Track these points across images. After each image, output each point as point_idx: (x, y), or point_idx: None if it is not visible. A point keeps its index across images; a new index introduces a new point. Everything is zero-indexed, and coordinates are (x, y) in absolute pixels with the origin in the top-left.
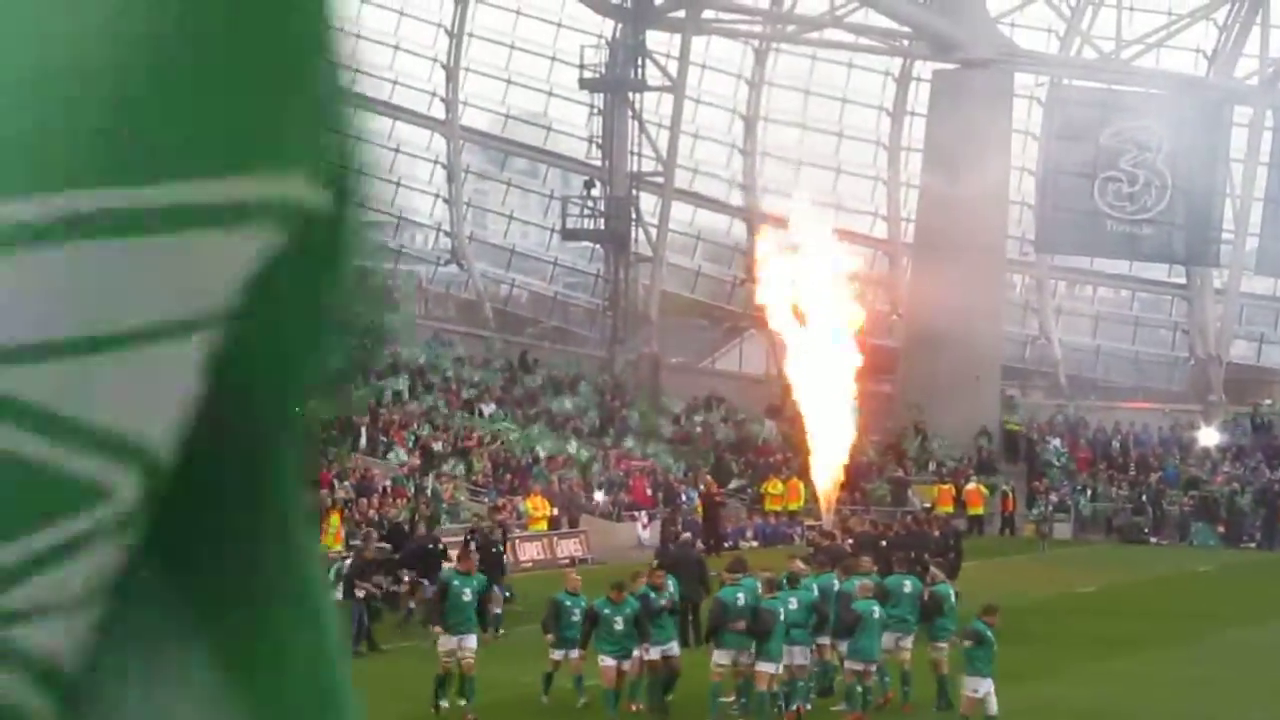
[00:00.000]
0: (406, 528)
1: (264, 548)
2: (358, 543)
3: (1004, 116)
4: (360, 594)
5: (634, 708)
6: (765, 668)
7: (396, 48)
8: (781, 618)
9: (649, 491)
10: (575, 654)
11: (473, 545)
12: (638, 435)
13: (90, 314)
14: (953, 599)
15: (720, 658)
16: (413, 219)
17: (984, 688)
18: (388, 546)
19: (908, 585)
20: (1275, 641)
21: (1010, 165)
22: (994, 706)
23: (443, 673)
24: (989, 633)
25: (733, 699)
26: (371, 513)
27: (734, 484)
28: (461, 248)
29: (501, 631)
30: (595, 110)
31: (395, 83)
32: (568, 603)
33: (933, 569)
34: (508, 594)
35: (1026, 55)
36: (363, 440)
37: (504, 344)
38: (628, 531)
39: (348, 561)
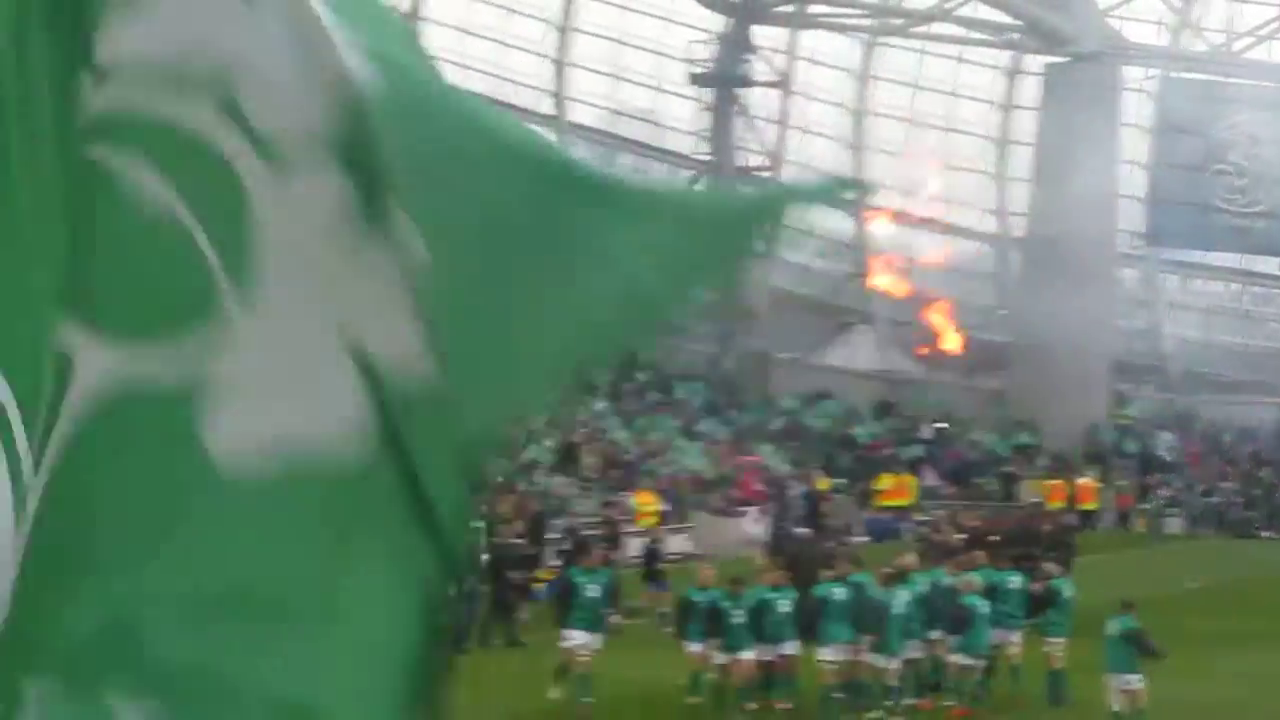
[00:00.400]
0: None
1: None
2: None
3: (1113, 110)
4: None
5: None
6: (876, 662)
7: (505, 44)
8: (892, 613)
9: (758, 486)
10: (696, 648)
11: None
12: (746, 430)
13: None
14: (1066, 594)
15: (827, 654)
16: None
17: (1134, 681)
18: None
19: (1014, 581)
20: None
21: (1120, 158)
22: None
23: (564, 663)
24: (1133, 626)
25: (842, 695)
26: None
27: (835, 481)
28: None
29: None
30: (703, 105)
31: (504, 79)
32: (696, 598)
33: (1046, 564)
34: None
35: (1136, 48)
36: None
37: None
38: (737, 527)
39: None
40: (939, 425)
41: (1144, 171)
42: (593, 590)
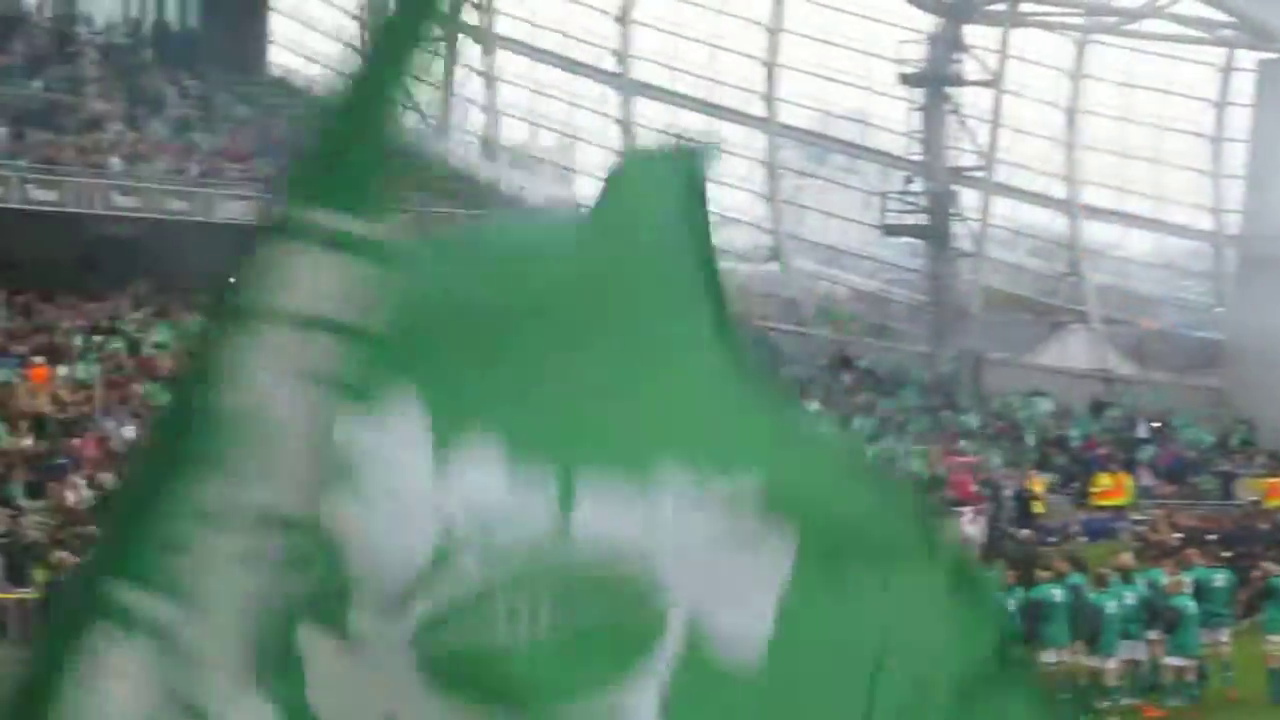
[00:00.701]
0: None
1: None
2: None
3: None
4: None
5: None
6: (1093, 663)
7: (716, 46)
8: (1106, 614)
9: (973, 487)
10: None
11: None
12: (960, 430)
13: None
14: None
15: (1047, 657)
16: (733, 216)
17: None
18: None
19: (1219, 579)
20: None
21: None
22: None
23: None
24: None
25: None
26: None
27: (1048, 479)
28: (781, 245)
29: None
30: (914, 105)
31: (716, 81)
32: None
33: (1265, 563)
34: None
35: None
36: None
37: (825, 341)
38: (952, 527)
39: None
40: (1155, 424)
41: None
42: None
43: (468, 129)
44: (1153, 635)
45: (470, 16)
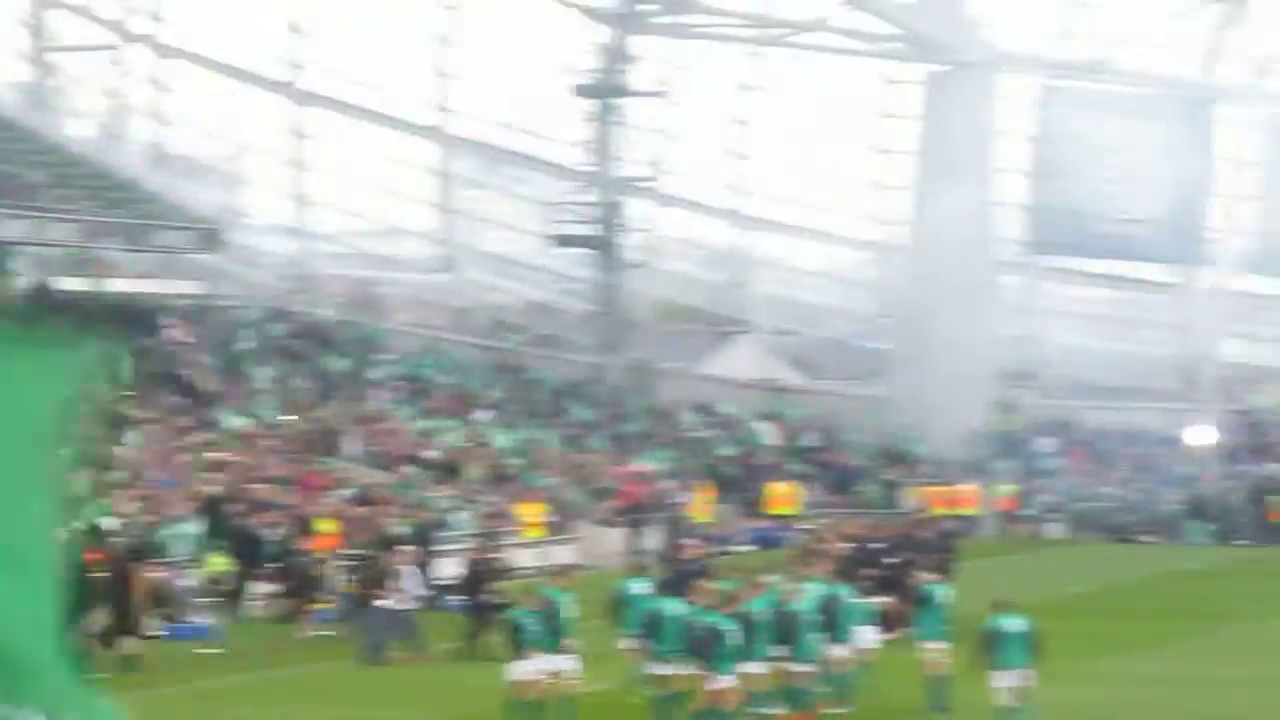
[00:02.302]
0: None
1: None
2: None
3: (993, 118)
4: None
5: None
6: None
7: (389, 56)
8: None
9: (642, 497)
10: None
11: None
12: (630, 441)
13: None
14: (939, 599)
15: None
16: (406, 228)
17: (1006, 680)
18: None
19: (846, 594)
20: (1270, 638)
21: (1000, 166)
22: (1008, 698)
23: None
24: (1006, 626)
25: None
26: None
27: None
28: (453, 255)
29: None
30: (585, 117)
31: (387, 92)
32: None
33: (920, 571)
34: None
35: (1016, 57)
36: (356, 448)
37: (496, 351)
38: (622, 538)
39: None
40: (822, 433)
41: (1024, 179)
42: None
43: (137, 138)
44: (776, 650)
45: (141, 25)
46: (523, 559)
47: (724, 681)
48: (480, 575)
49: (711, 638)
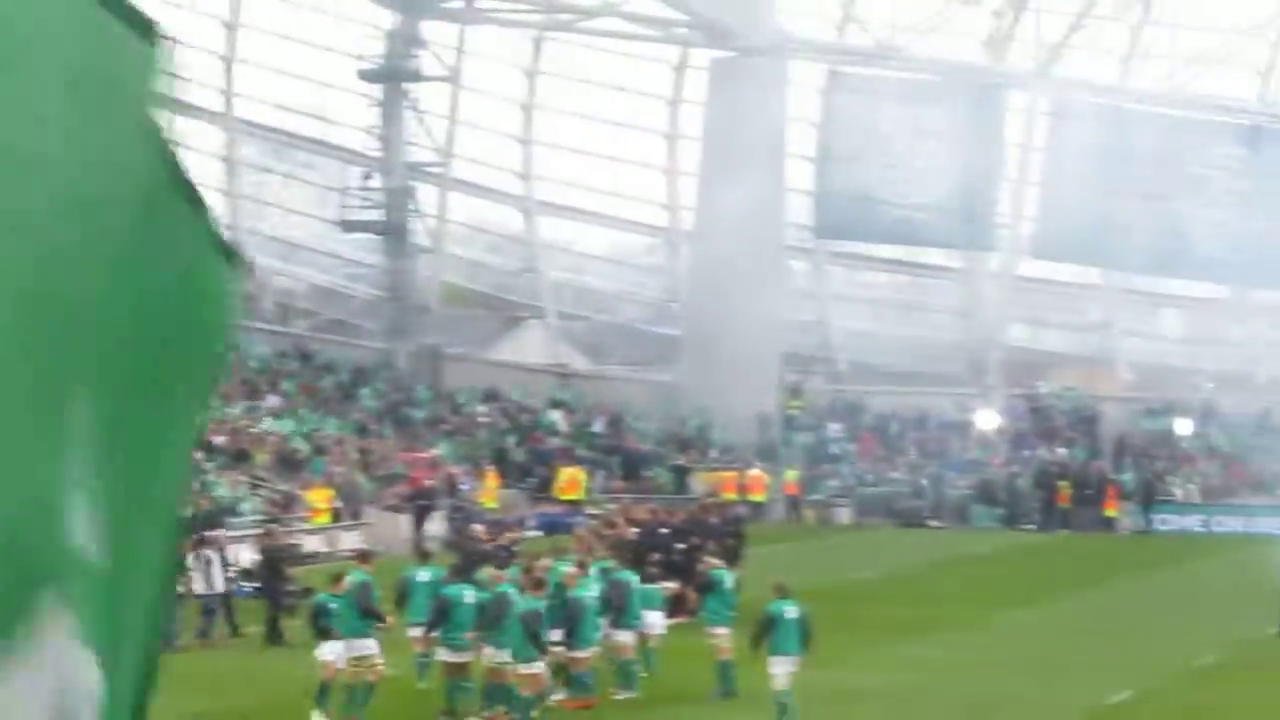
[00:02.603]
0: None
1: None
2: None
3: (781, 104)
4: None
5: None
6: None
7: (174, 41)
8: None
9: (430, 483)
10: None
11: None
12: (418, 427)
13: None
14: (727, 584)
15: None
16: None
17: (783, 666)
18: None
19: (632, 580)
20: (1052, 622)
21: (788, 152)
22: (784, 683)
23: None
24: (783, 612)
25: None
26: None
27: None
28: (240, 240)
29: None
30: (373, 102)
31: (174, 75)
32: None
33: (708, 556)
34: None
35: (803, 43)
36: None
37: (283, 336)
38: (409, 524)
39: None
40: (610, 419)
41: (810, 165)
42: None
43: None
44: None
45: None
46: (310, 545)
47: (531, 667)
48: (274, 561)
49: (502, 618)
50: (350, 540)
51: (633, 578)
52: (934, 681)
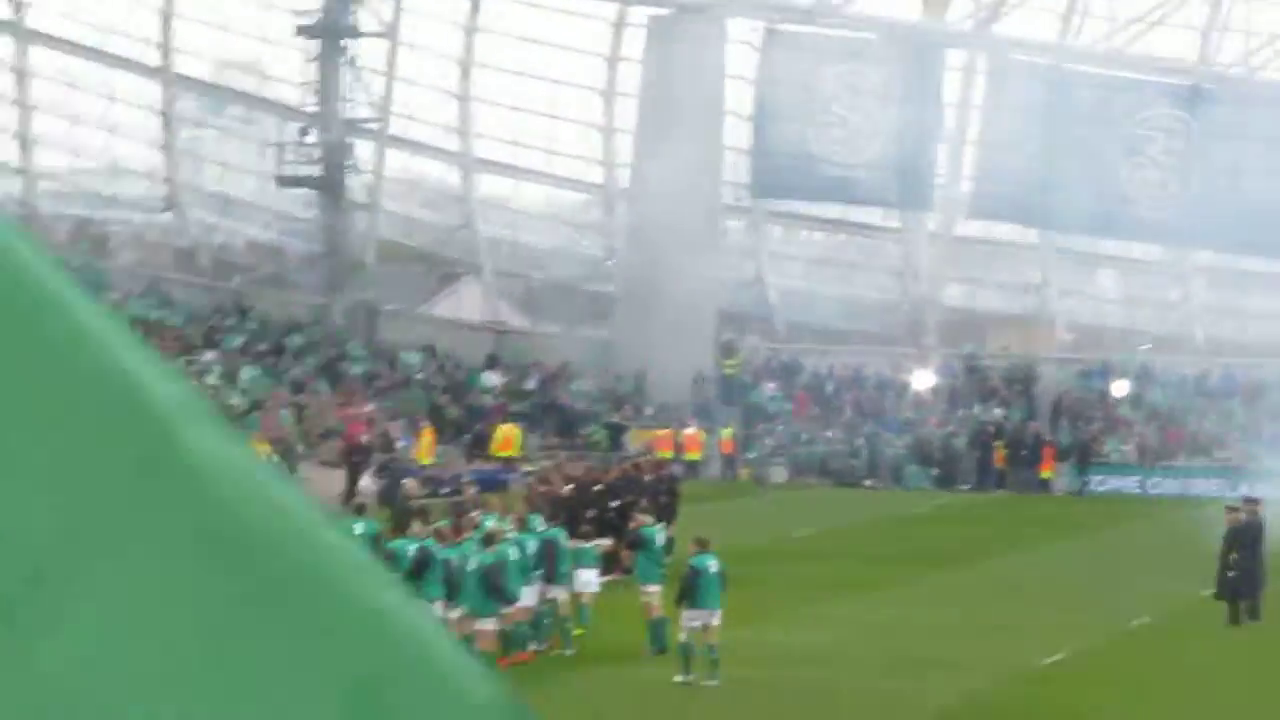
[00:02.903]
0: None
1: None
2: None
3: (719, 62)
4: None
5: None
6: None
7: None
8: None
9: (365, 439)
10: None
11: None
12: (353, 382)
13: None
14: (659, 542)
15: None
16: (128, 167)
17: (699, 619)
18: None
19: (561, 537)
20: (987, 583)
21: (725, 110)
22: (701, 637)
23: None
24: (707, 566)
25: None
26: None
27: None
28: (177, 195)
29: None
30: (310, 57)
31: (110, 31)
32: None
33: (637, 514)
34: None
35: (741, 1)
36: None
37: (220, 291)
38: (343, 480)
39: None
40: (545, 376)
41: (748, 123)
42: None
43: None
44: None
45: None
46: None
47: (484, 622)
48: None
49: (426, 572)
50: None
51: (562, 534)
52: (867, 641)
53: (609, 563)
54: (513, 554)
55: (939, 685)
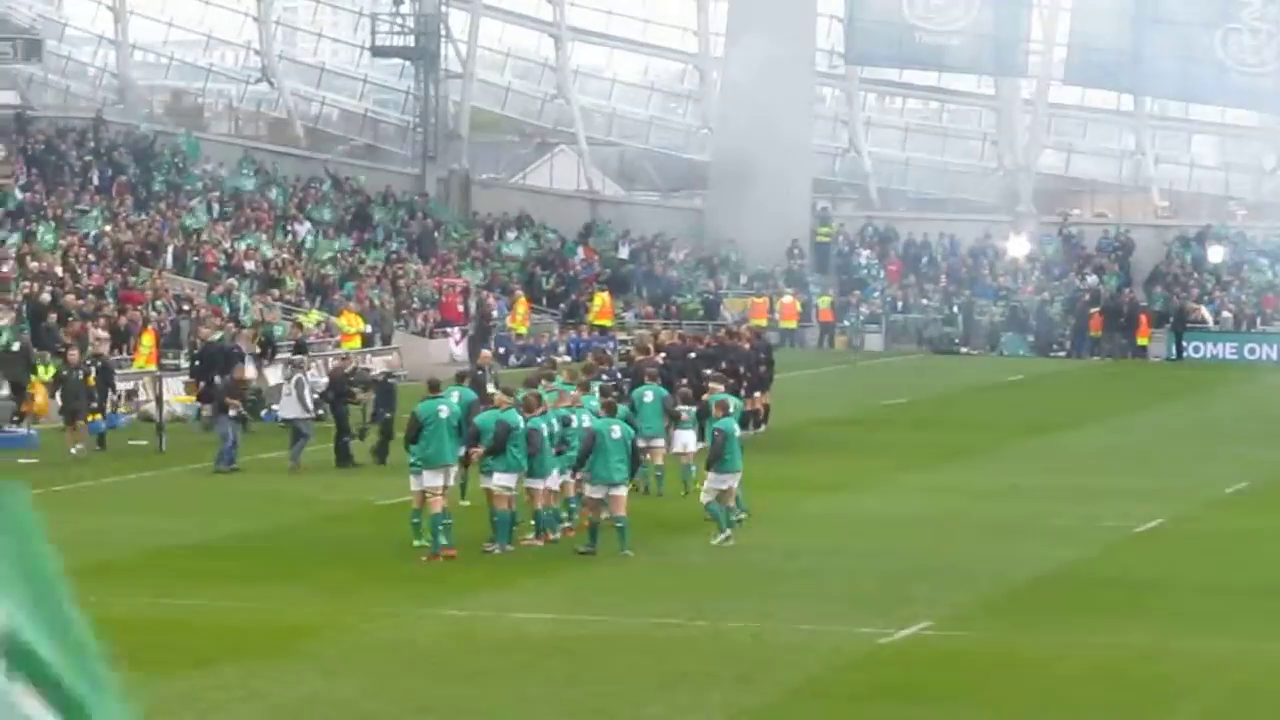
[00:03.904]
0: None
1: None
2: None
3: None
4: (232, 412)
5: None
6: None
7: None
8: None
9: (460, 308)
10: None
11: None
12: (449, 253)
13: None
14: (732, 406)
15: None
16: (223, 38)
17: (728, 482)
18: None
19: (649, 395)
20: (1083, 448)
21: None
22: (728, 499)
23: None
24: (733, 429)
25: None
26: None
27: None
28: (271, 66)
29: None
30: None
31: None
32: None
33: (711, 382)
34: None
35: None
36: (168, 260)
37: (314, 162)
38: (440, 348)
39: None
40: (639, 245)
41: None
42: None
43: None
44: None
45: None
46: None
47: (542, 482)
48: (341, 384)
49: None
50: (379, 365)
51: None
52: (965, 506)
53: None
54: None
55: (1036, 551)
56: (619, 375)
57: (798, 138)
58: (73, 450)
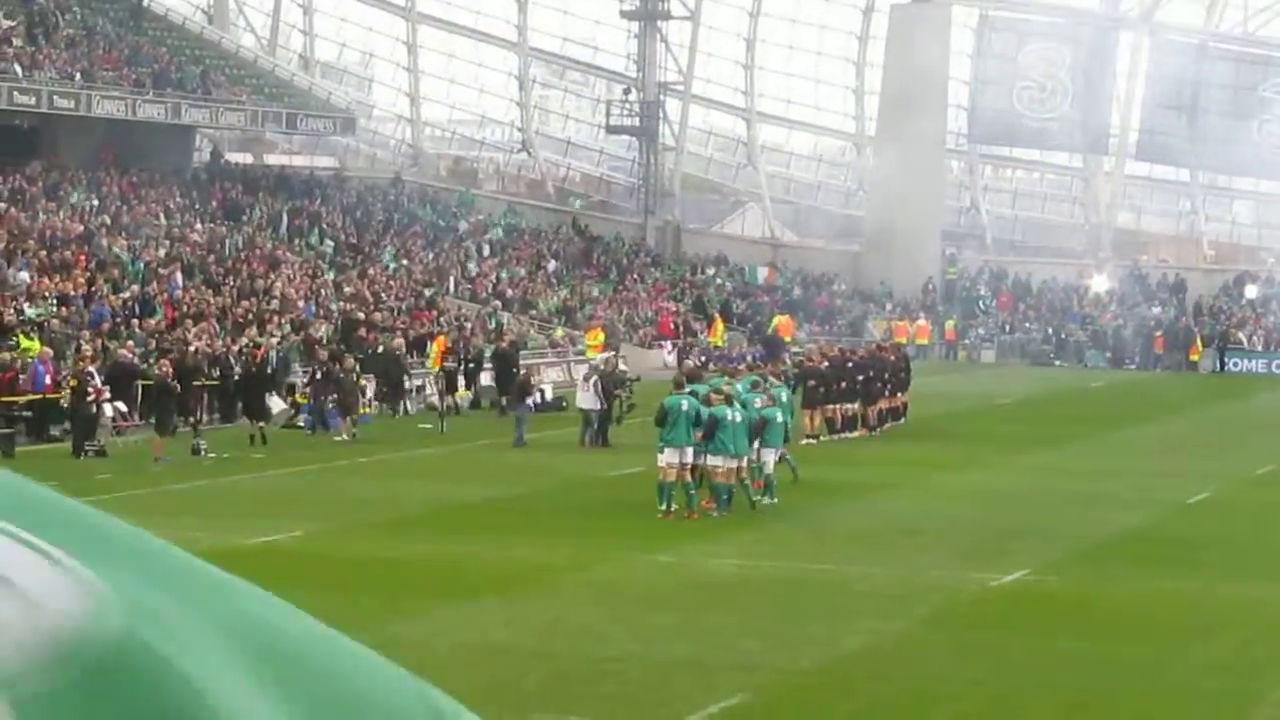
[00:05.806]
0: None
1: None
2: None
3: (944, 39)
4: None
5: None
6: (715, 461)
7: None
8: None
9: (672, 326)
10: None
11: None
12: (663, 284)
13: None
14: (778, 416)
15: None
16: (493, 118)
17: (775, 454)
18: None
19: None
20: (1147, 438)
21: (949, 76)
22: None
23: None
24: (776, 415)
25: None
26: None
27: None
28: (530, 139)
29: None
30: (631, 34)
31: (479, 13)
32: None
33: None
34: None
35: None
36: (450, 287)
37: (560, 214)
38: (656, 356)
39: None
40: (809, 280)
41: (966, 86)
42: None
43: (292, 47)
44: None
45: None
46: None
47: (721, 460)
48: (608, 383)
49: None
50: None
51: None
52: (1056, 483)
53: (855, 423)
54: (731, 416)
55: (1110, 516)
56: (788, 377)
57: (931, 198)
58: (341, 436)
